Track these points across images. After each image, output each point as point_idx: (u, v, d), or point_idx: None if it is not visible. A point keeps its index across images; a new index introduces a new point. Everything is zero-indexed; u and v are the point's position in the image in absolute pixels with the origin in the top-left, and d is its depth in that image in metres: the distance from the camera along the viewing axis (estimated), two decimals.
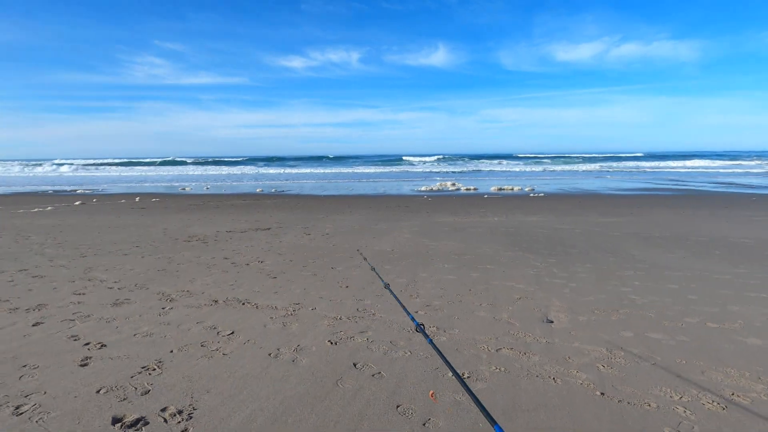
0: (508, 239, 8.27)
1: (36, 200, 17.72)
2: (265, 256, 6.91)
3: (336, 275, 5.72)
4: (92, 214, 12.71)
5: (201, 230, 9.54)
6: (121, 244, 7.99)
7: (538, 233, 8.90)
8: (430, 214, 12.18)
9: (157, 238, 8.60)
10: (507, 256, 6.80)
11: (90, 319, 4.05)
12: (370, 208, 13.79)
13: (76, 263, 6.41)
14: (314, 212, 12.87)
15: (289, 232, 9.19)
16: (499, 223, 10.32)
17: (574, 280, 5.40)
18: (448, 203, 15.27)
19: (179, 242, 8.11)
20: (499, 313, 4.22)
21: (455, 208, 13.57)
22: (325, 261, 6.53)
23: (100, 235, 9.04)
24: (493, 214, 12.19)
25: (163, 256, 6.86)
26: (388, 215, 12.06)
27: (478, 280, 5.45)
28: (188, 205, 15.13)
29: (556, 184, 24.80)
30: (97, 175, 40.88)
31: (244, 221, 11.00)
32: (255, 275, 5.71)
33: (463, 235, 8.70)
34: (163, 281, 5.41)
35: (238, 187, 24.71)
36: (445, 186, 23.86)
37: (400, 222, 10.68)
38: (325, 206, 14.62)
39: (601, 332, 3.73)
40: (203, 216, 12.12)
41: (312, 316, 4.15)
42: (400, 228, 9.70)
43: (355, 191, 21.47)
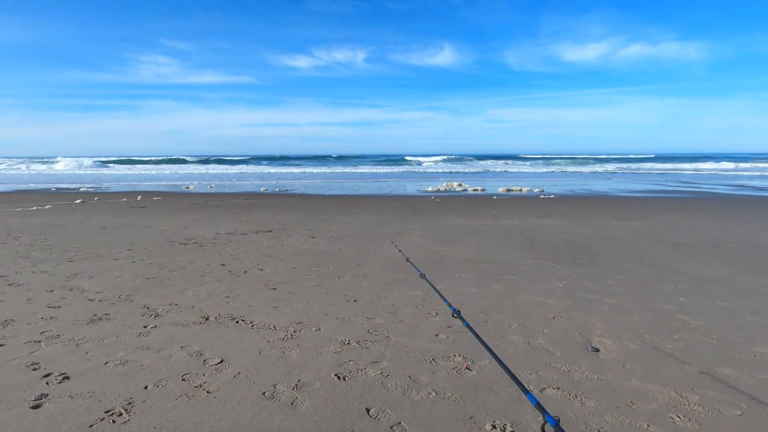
0: (525, 245, 7.61)
1: (37, 198, 17.21)
2: (266, 262, 6.29)
3: (342, 286, 5.09)
4: (90, 214, 12.15)
5: (199, 232, 8.95)
6: (113, 246, 7.41)
7: (556, 238, 8.24)
8: (439, 216, 11.54)
9: (152, 240, 8.01)
10: (529, 265, 6.15)
11: (58, 341, 3.44)
12: (376, 209, 13.16)
13: (60, 269, 5.82)
14: (319, 213, 12.26)
15: (292, 235, 8.58)
16: (513, 227, 9.66)
17: (609, 295, 4.75)
18: (456, 204, 14.62)
19: (175, 245, 7.51)
20: (533, 338, 3.57)
21: (465, 210, 12.92)
22: (330, 269, 5.91)
23: (93, 236, 8.46)
24: (505, 216, 11.53)
25: (155, 262, 6.26)
26: (395, 217, 11.43)
27: (502, 293, 4.81)
28: (189, 205, 14.56)
29: (565, 185, 24.07)
30: (101, 173, 40.49)
31: (246, 222, 10.40)
32: (253, 285, 5.09)
33: (477, 240, 8.06)
34: (151, 292, 4.80)
35: (242, 186, 24.15)
36: (452, 186, 23.19)
37: (409, 224, 10.04)
38: (329, 206, 14.00)
39: (660, 366, 3.08)
40: (204, 216, 11.54)
41: (315, 340, 3.52)
42: (409, 231, 9.06)
43: (360, 191, 20.86)
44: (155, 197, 17.44)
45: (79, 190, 21.79)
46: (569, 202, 15.24)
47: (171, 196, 17.97)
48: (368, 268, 5.92)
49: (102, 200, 16.32)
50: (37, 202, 15.55)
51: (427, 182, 26.79)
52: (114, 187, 23.91)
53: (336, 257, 6.62)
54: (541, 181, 27.35)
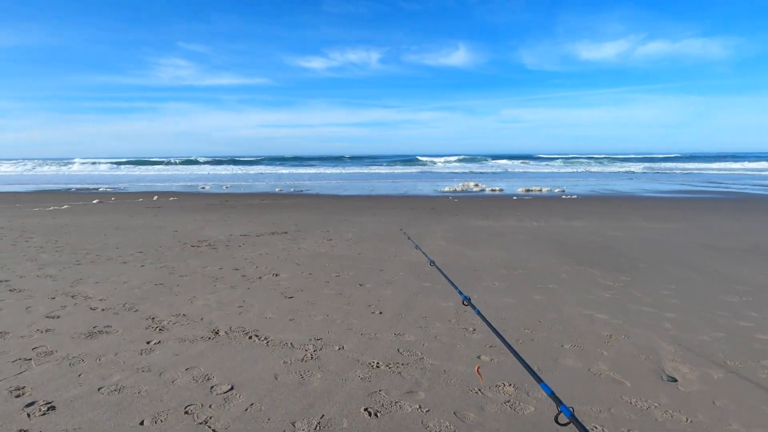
0: (558, 249, 7.02)
1: (56, 198, 17.19)
2: (282, 266, 5.85)
3: (365, 295, 4.60)
4: (106, 214, 11.94)
5: (213, 233, 8.57)
6: (124, 248, 7.06)
7: (589, 242, 7.62)
8: (460, 217, 10.98)
9: (164, 242, 7.65)
10: (566, 272, 5.57)
11: (51, 360, 3.03)
12: (394, 210, 12.66)
13: (66, 273, 5.47)
14: (335, 214, 11.81)
15: (309, 237, 8.13)
16: (540, 229, 9.06)
17: (666, 308, 4.16)
18: (476, 205, 14.02)
19: (187, 248, 7.13)
20: (593, 362, 3.03)
21: (486, 211, 12.32)
22: (351, 275, 5.42)
23: (105, 237, 8.15)
24: (530, 217, 10.90)
25: (166, 265, 5.87)
26: (415, 218, 10.91)
27: (544, 305, 4.26)
28: (205, 205, 14.28)
29: (586, 185, 23.21)
30: (120, 174, 40.91)
31: (261, 223, 10.01)
32: (268, 293, 4.64)
33: (504, 243, 7.49)
34: (158, 300, 4.39)
35: (257, 187, 23.92)
36: (468, 186, 22.56)
37: (431, 226, 9.52)
38: (345, 207, 13.55)
39: (758, 401, 2.51)
40: (218, 217, 11.20)
41: (339, 361, 3.04)
42: (432, 233, 8.53)
43: (375, 191, 20.38)
44: (171, 197, 17.25)
45: (97, 191, 21.82)
46: (594, 203, 14.50)
47: (187, 197, 17.77)
48: (391, 274, 5.42)
49: (119, 200, 16.18)
50: (56, 202, 15.48)
51: (443, 182, 26.19)
52: (132, 187, 23.92)
53: (356, 262, 6.14)
54: (560, 181, 26.49)
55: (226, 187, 23.80)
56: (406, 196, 18.10)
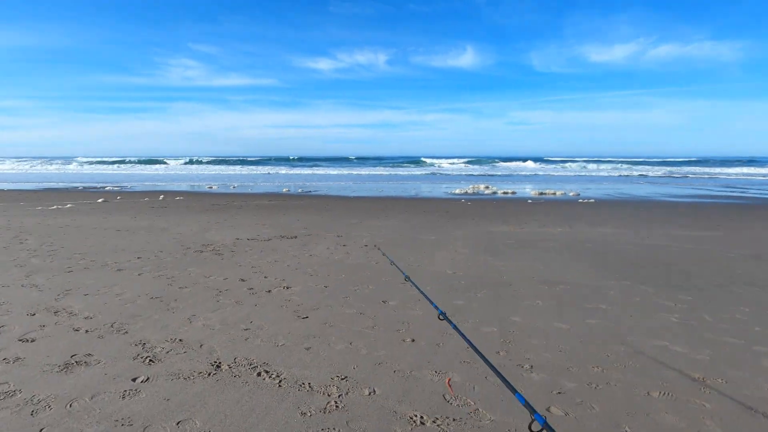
0: (595, 259, 6.31)
1: (61, 197, 16.69)
2: (293, 277, 5.19)
3: (391, 315, 3.93)
4: (109, 214, 11.37)
5: (219, 237, 7.94)
6: (122, 253, 6.45)
7: (627, 251, 6.90)
8: (478, 222, 10.28)
9: (166, 246, 7.03)
10: (613, 287, 4.87)
11: (9, 404, 2.39)
12: (406, 213, 11.99)
13: (54, 282, 4.85)
14: (345, 216, 11.16)
15: (320, 242, 7.48)
16: (567, 236, 8.34)
17: (754, 339, 3.44)
18: (492, 208, 13.31)
19: (190, 253, 6.50)
20: (699, 421, 2.33)
21: (504, 215, 11.61)
22: (372, 289, 4.76)
23: (104, 240, 7.55)
24: (552, 223, 10.18)
25: (165, 275, 5.24)
26: (430, 222, 10.23)
27: (603, 332, 3.56)
28: (211, 205, 13.69)
29: (600, 188, 22.40)
30: (128, 173, 40.60)
31: (269, 226, 9.38)
32: (278, 312, 3.99)
33: (534, 253, 6.79)
34: (152, 318, 3.75)
35: (264, 187, 23.35)
36: (479, 189, 21.83)
37: (449, 231, 8.83)
38: (356, 209, 12.90)
39: None
40: (225, 218, 10.58)
41: (372, 413, 2.37)
42: (452, 239, 7.85)
43: (384, 193, 19.72)
44: (177, 197, 16.70)
45: (104, 189, 21.34)
46: (614, 207, 13.73)
47: (193, 196, 17.21)
48: (419, 284, 4.74)
49: (124, 200, 15.65)
50: (60, 200, 14.97)
51: (452, 184, 25.47)
52: (139, 186, 23.44)
53: (375, 272, 5.47)
54: (573, 184, 25.67)
55: (233, 186, 23.26)
56: (417, 198, 17.42)
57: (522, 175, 36.29)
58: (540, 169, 44.27)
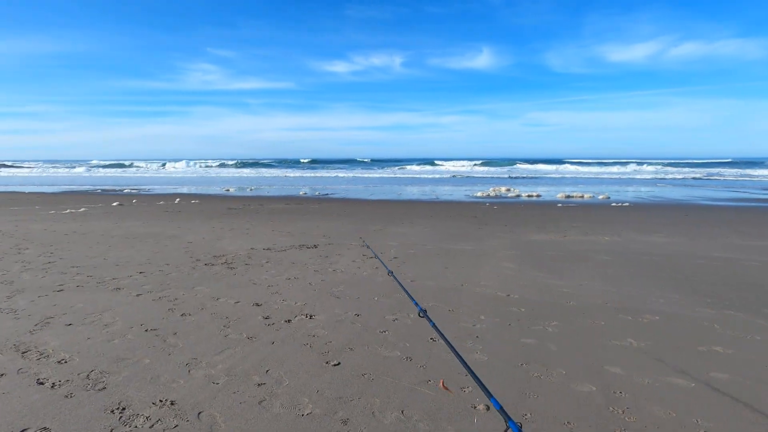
0: (669, 278, 5.25)
1: (77, 200, 16.21)
2: (316, 301, 4.28)
3: (448, 363, 2.97)
4: (121, 219, 10.69)
5: (232, 246, 7.10)
6: (124, 267, 5.64)
7: (699, 267, 5.80)
8: (512, 229, 9.25)
9: (174, 257, 6.22)
10: (714, 319, 3.82)
11: None
12: (431, 218, 11.01)
13: (38, 305, 4.04)
14: (367, 222, 10.24)
15: (344, 253, 6.57)
16: (619, 246, 7.26)
17: None
18: (522, 213, 12.23)
19: (199, 267, 5.65)
20: None
21: (538, 221, 10.54)
22: (414, 320, 3.80)
23: (108, 250, 6.78)
24: (595, 230, 9.08)
25: (167, 296, 4.38)
26: (460, 228, 9.23)
27: (741, 391, 2.54)
28: (226, 209, 12.94)
29: (631, 191, 21.03)
30: (148, 176, 40.57)
31: (286, 233, 8.52)
32: (301, 355, 3.07)
33: (591, 268, 5.75)
34: (141, 365, 2.87)
35: (281, 190, 22.65)
36: (500, 191, 20.70)
37: (483, 240, 7.83)
38: (377, 214, 11.97)
39: None
40: (240, 224, 9.78)
41: None
42: (490, 249, 6.85)
43: (404, 196, 18.77)
44: (193, 200, 16.05)
45: (122, 192, 20.92)
46: (656, 213, 12.50)
47: (209, 200, 16.54)
48: (471, 318, 3.78)
49: (140, 203, 15.05)
50: (76, 204, 14.44)
51: (472, 187, 24.39)
52: (157, 189, 23.00)
53: (413, 294, 4.52)
54: (600, 186, 24.29)
55: (249, 189, 22.62)
56: (437, 201, 16.43)
57: (542, 178, 34.87)
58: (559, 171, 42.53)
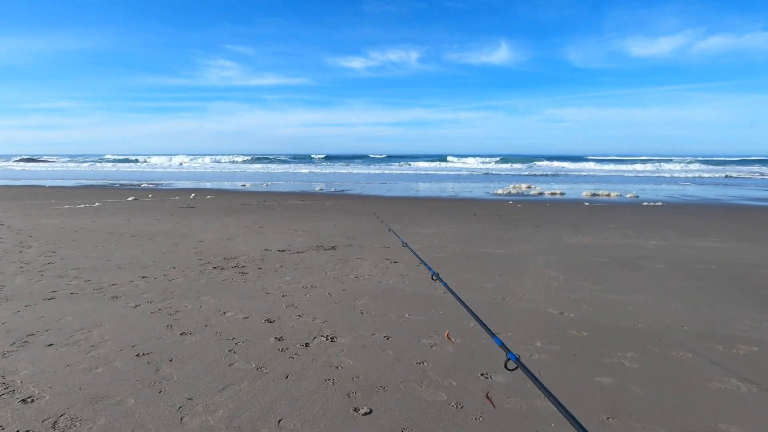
0: (742, 291, 4.44)
1: (94, 194, 15.99)
2: (337, 317, 3.65)
3: (514, 409, 2.30)
4: (132, 215, 10.28)
5: (245, 246, 6.54)
6: (126, 270, 5.11)
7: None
8: (542, 230, 8.47)
9: (182, 259, 5.67)
10: None
11: None
12: (455, 217, 10.29)
13: (22, 317, 3.51)
14: (387, 220, 9.58)
15: (366, 256, 5.93)
16: (668, 252, 6.43)
17: None
18: (549, 213, 11.40)
19: (208, 271, 5.09)
20: None
21: (570, 221, 9.71)
22: (459, 346, 3.13)
23: (114, 249, 6.29)
24: (636, 232, 8.23)
25: (168, 308, 3.81)
26: (488, 229, 8.50)
27: None
28: (241, 206, 12.44)
29: (658, 189, 19.87)
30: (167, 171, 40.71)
31: (302, 232, 7.93)
32: (323, 396, 2.43)
33: (646, 278, 4.97)
34: (122, 408, 2.28)
35: (297, 186, 22.16)
36: (521, 189, 19.77)
37: (515, 242, 7.09)
38: (397, 211, 11.30)
39: None
40: (254, 221, 9.23)
41: None
42: (526, 254, 6.12)
43: (422, 193, 18.04)
44: (208, 195, 15.64)
45: (139, 186, 20.74)
46: (695, 213, 11.51)
47: (224, 195, 16.12)
48: (525, 345, 3.09)
49: (155, 198, 14.70)
50: (92, 198, 14.17)
51: (491, 184, 23.49)
52: (174, 184, 22.78)
53: (451, 309, 3.84)
54: (626, 184, 23.10)
55: (265, 185, 22.20)
56: (457, 199, 15.66)
57: (562, 175, 33.58)
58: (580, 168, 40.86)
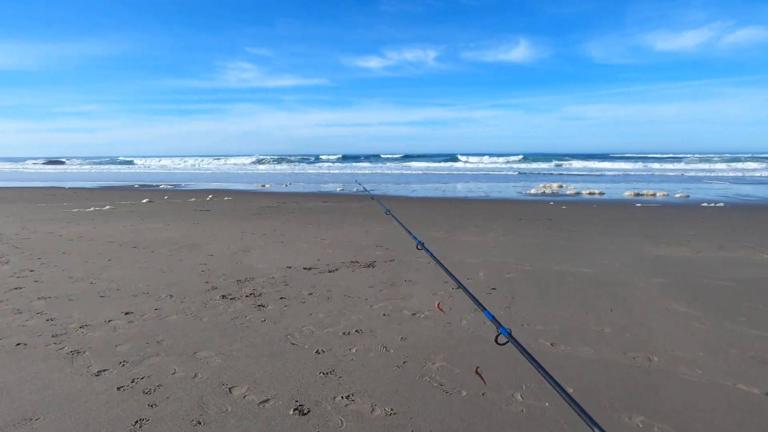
0: None
1: (110, 196, 15.07)
2: (408, 404, 2.28)
3: None
4: (141, 219, 9.15)
5: (263, 262, 5.24)
6: (109, 299, 3.87)
7: None
8: (610, 237, 6.94)
9: (183, 281, 4.40)
10: None
11: None
12: (498, 220, 8.82)
13: None
14: (424, 226, 8.18)
15: (415, 276, 4.54)
16: None
17: None
18: (602, 216, 9.80)
19: (213, 302, 3.79)
20: None
21: (634, 226, 8.12)
22: None
23: (107, 266, 5.08)
24: (730, 242, 6.63)
25: (144, 381, 2.51)
26: (544, 236, 7.01)
27: None
28: (260, 208, 11.23)
29: (702, 188, 17.90)
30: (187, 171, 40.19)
31: (330, 242, 6.61)
32: None
33: None
34: None
35: (317, 186, 20.95)
36: (553, 188, 18.06)
37: (590, 255, 5.60)
38: (430, 215, 9.89)
39: None
40: (274, 227, 7.97)
41: None
42: (621, 275, 4.63)
43: (449, 193, 16.58)
44: (226, 197, 14.53)
45: (158, 187, 19.87)
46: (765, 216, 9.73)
47: (243, 196, 14.98)
48: None
49: (170, 200, 13.65)
50: (104, 200, 13.21)
51: (519, 183, 21.84)
52: (192, 184, 21.87)
53: (567, 378, 2.43)
54: (666, 183, 21.10)
55: (285, 185, 21.07)
56: (489, 199, 14.15)
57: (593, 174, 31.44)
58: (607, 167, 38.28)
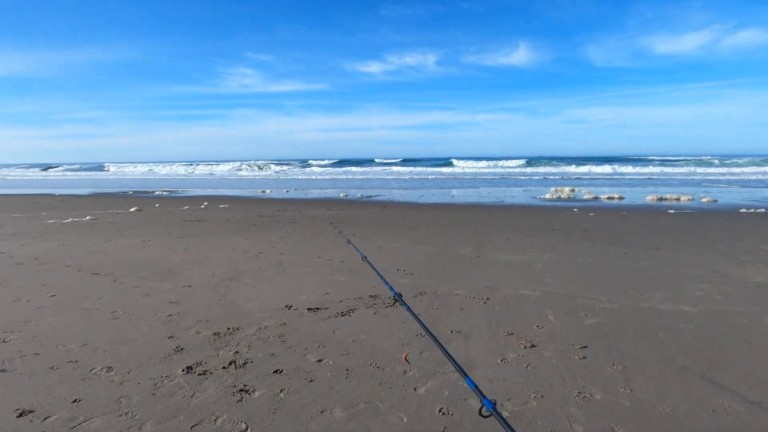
0: None
1: (95, 204, 13.72)
2: None
3: None
4: (120, 233, 7.81)
5: (255, 300, 3.89)
6: (20, 368, 2.52)
7: None
8: (670, 254, 5.62)
9: (137, 339, 3.06)
10: None
11: None
12: (529, 231, 7.49)
13: None
14: (449, 240, 6.85)
15: (462, 322, 3.20)
16: None
17: None
18: (639, 225, 8.48)
19: (172, 380, 2.44)
20: None
21: (689, 240, 6.80)
22: None
23: (45, 306, 3.73)
24: None
25: None
26: (595, 254, 5.68)
27: None
28: (258, 218, 9.89)
29: (723, 192, 16.64)
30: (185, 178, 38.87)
31: (339, 262, 5.27)
32: None
33: None
34: None
35: (320, 192, 19.63)
36: (567, 193, 16.77)
37: (669, 283, 4.27)
38: (450, 225, 8.54)
39: None
40: (271, 243, 6.63)
41: None
42: (735, 315, 3.30)
43: (459, 199, 15.27)
44: (222, 204, 13.18)
45: (152, 194, 18.53)
46: None
47: (241, 203, 13.64)
48: None
49: (161, 208, 12.30)
50: (90, 209, 11.85)
51: (529, 187, 20.57)
52: (189, 191, 20.54)
53: None
54: (686, 187, 19.80)
55: (286, 191, 19.75)
56: (504, 205, 12.84)
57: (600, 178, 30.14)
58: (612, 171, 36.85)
